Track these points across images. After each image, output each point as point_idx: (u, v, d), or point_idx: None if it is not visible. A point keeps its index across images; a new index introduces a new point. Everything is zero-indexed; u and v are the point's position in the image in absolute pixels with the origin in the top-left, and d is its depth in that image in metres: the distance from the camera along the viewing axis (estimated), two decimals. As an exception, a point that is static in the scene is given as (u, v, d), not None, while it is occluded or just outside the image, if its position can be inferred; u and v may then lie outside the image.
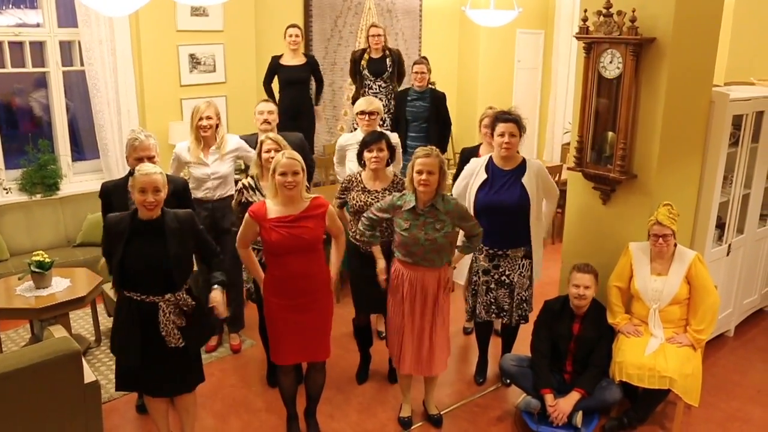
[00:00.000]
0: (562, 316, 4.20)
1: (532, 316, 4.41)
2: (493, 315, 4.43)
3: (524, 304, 4.40)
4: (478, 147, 4.97)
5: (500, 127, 4.14)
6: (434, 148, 3.81)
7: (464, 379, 4.75)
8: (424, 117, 6.24)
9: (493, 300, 4.38)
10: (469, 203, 4.26)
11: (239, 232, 3.74)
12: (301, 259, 3.63)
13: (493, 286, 4.36)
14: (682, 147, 4.38)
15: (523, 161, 4.26)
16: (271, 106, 5.06)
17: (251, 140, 4.98)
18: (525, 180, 4.18)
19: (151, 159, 3.91)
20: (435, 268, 3.88)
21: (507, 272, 4.32)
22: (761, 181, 5.17)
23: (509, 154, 4.18)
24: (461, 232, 4.06)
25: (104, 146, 6.41)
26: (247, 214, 3.67)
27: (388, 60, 6.65)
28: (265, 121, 4.97)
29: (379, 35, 6.60)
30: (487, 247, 4.30)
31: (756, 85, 5.37)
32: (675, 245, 4.11)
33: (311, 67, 6.76)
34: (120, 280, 3.39)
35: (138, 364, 3.44)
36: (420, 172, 3.70)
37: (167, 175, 3.71)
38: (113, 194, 4.02)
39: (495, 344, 4.85)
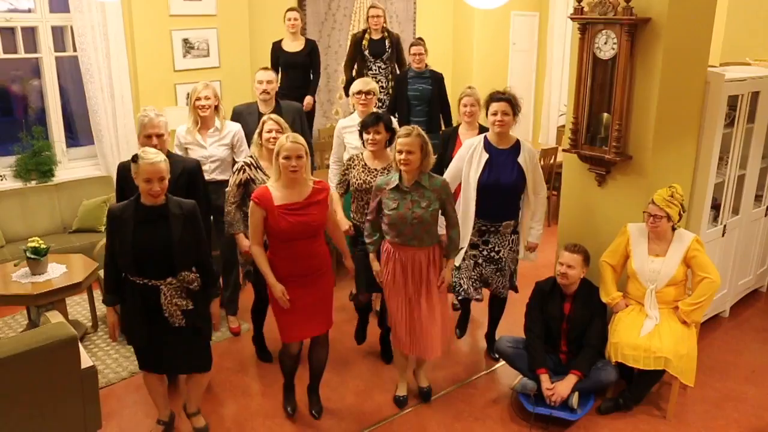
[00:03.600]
0: (553, 296, 4.22)
1: (525, 299, 4.42)
2: (477, 292, 4.51)
3: (513, 276, 4.53)
4: (456, 128, 5.06)
5: (493, 106, 4.22)
6: (416, 127, 3.83)
7: (460, 362, 4.77)
8: (426, 98, 6.28)
9: (478, 276, 4.46)
10: (469, 183, 4.31)
11: (250, 227, 3.71)
12: (307, 242, 3.68)
13: (480, 261, 4.43)
14: (677, 128, 4.38)
15: (518, 141, 4.33)
16: (271, 75, 5.10)
17: (251, 108, 5.00)
18: (521, 160, 4.26)
19: (159, 137, 3.95)
20: (424, 247, 3.90)
21: (497, 248, 4.40)
22: (756, 161, 5.17)
23: (503, 131, 4.25)
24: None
25: (98, 132, 6.37)
26: (252, 202, 3.66)
27: (386, 41, 6.65)
28: (264, 91, 5.04)
29: (378, 16, 6.61)
30: (480, 221, 4.36)
31: (751, 65, 5.36)
32: (674, 229, 4.11)
33: (310, 52, 6.68)
34: (126, 266, 3.43)
35: (144, 345, 3.55)
36: (400, 152, 3.74)
37: (178, 156, 3.87)
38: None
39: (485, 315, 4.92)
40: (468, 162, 4.33)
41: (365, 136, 4.27)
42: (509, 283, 4.52)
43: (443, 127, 6.31)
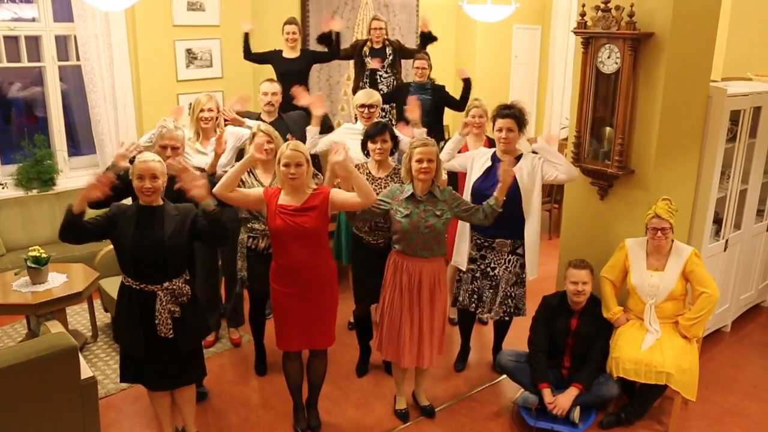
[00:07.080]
0: (560, 311, 4.21)
1: (529, 312, 4.40)
2: (473, 306, 4.46)
3: (509, 300, 4.37)
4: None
5: (499, 123, 4.24)
6: (429, 138, 3.91)
7: (460, 375, 4.75)
8: (426, 109, 6.28)
9: (476, 290, 4.44)
10: (467, 188, 4.36)
11: (241, 191, 3.77)
12: (304, 249, 3.67)
13: (478, 275, 4.42)
14: (679, 142, 4.38)
15: (521, 154, 4.32)
16: (276, 87, 5.17)
17: (252, 118, 5.03)
18: (516, 167, 4.20)
19: (174, 149, 3.96)
20: (434, 258, 3.92)
21: (492, 265, 4.36)
22: (758, 176, 5.17)
23: (507, 148, 4.26)
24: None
25: (100, 141, 6.38)
26: (263, 189, 3.77)
27: (388, 49, 6.68)
28: (269, 103, 5.11)
29: (380, 28, 6.63)
30: (476, 235, 4.37)
31: (753, 80, 5.36)
32: (672, 240, 4.11)
33: (307, 58, 6.66)
34: (124, 265, 3.49)
35: (142, 355, 3.51)
36: (420, 161, 3.78)
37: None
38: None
39: (485, 336, 4.87)
40: (471, 165, 4.39)
41: (371, 146, 4.28)
42: (503, 307, 4.36)
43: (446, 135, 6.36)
